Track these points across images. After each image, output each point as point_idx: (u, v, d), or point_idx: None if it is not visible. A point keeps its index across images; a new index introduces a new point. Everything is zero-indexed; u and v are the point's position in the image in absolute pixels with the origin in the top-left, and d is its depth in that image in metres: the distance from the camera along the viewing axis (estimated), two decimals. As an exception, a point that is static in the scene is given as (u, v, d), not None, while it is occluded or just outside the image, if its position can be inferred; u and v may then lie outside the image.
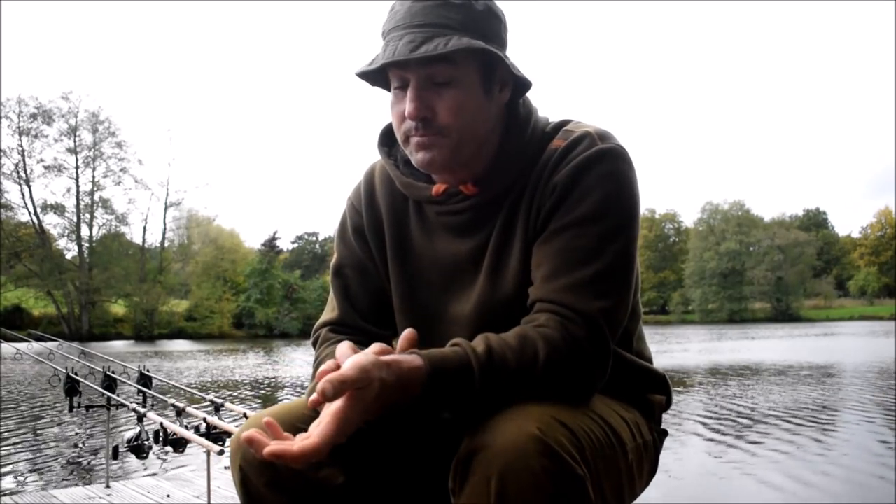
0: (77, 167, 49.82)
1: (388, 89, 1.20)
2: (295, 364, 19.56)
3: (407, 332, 1.04)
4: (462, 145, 1.14)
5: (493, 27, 1.14)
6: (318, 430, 0.91)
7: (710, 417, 8.51)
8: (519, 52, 1.17)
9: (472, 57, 1.12)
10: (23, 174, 47.86)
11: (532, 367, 1.01)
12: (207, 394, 4.35)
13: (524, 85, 1.18)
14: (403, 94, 1.13)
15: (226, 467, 4.35)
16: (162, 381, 5.17)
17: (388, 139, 1.28)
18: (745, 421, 8.24)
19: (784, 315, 63.02)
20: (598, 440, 1.00)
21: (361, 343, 1.25)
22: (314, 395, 0.90)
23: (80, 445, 7.43)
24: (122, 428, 7.03)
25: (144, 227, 59.77)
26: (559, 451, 0.91)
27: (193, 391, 6.47)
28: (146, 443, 3.66)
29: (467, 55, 1.11)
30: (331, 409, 0.92)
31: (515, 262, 1.16)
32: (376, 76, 1.18)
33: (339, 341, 1.24)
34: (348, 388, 0.91)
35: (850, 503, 4.91)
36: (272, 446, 0.90)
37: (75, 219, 49.68)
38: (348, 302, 1.30)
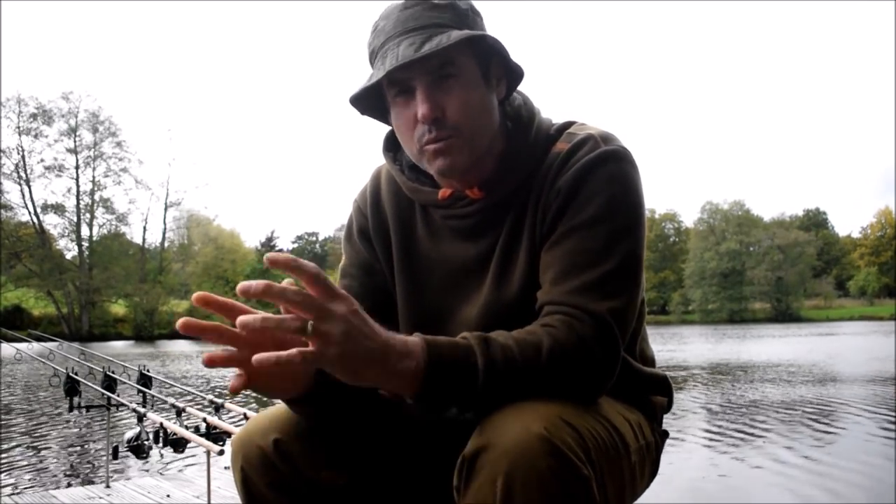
0: (77, 167, 49.90)
1: (379, 116, 1.21)
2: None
3: None
4: (475, 140, 1.13)
5: (478, 23, 1.15)
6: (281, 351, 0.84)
7: (710, 416, 8.52)
8: (516, 52, 1.17)
9: (470, 51, 1.12)
10: (23, 174, 47.94)
11: (535, 357, 0.99)
12: (207, 394, 4.35)
13: (517, 77, 1.19)
14: (407, 101, 1.12)
15: (226, 467, 4.35)
16: (162, 380, 5.17)
17: (392, 144, 1.27)
18: (744, 420, 8.23)
19: (784, 315, 62.99)
20: (603, 441, 1.00)
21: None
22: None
23: (80, 445, 7.43)
24: (122, 428, 7.02)
25: (144, 227, 60.01)
26: (565, 452, 0.90)
27: (194, 391, 6.46)
28: (146, 443, 3.66)
29: (465, 50, 1.11)
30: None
31: (522, 265, 1.16)
32: (368, 101, 1.18)
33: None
34: (292, 265, 0.84)
35: (850, 503, 4.91)
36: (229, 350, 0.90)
37: (75, 219, 49.75)
38: None
